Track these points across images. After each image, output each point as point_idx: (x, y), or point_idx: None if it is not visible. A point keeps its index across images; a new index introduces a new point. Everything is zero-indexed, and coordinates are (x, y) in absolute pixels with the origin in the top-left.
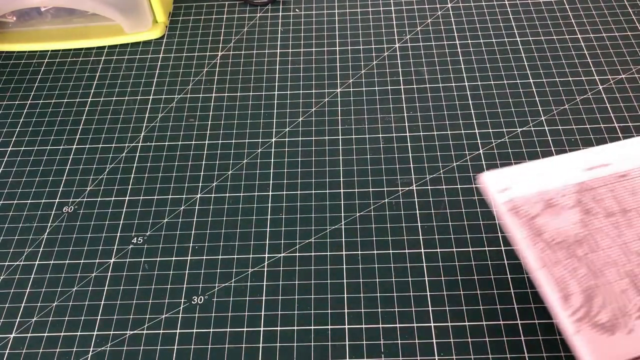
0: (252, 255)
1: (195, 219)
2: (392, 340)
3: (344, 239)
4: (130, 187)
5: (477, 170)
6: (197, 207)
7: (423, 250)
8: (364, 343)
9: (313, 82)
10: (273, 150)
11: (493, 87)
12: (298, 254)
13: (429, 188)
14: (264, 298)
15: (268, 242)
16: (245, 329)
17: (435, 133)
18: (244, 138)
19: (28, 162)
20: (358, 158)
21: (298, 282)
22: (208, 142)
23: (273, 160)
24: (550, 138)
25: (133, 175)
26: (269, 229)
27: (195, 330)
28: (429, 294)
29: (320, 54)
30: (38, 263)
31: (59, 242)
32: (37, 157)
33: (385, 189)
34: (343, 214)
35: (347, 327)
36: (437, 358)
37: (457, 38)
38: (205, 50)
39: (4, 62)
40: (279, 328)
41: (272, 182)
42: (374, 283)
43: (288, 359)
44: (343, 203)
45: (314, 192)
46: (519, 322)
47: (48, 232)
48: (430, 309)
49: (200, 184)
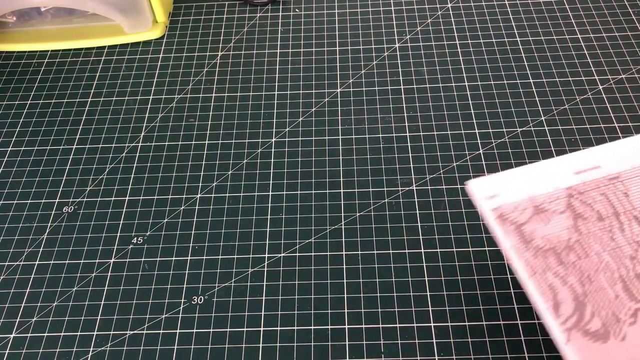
0: (252, 255)
1: (195, 219)
2: (392, 340)
3: (344, 239)
4: (130, 187)
5: (477, 170)
6: (197, 207)
7: (423, 250)
8: (364, 343)
9: (313, 82)
10: (273, 150)
11: (493, 87)
12: (298, 254)
13: (429, 188)
14: (264, 298)
15: (268, 242)
16: (245, 329)
17: (435, 133)
18: (244, 138)
19: (28, 162)
20: (358, 158)
21: (298, 282)
22: (208, 142)
23: (273, 160)
24: (550, 138)
25: (133, 175)
26: (269, 229)
27: (195, 330)
28: (429, 294)
29: (320, 54)
30: (38, 263)
31: (59, 242)
32: (37, 157)
33: (385, 189)
34: (343, 214)
35: (347, 327)
36: (437, 358)
37: (457, 38)
38: (205, 50)
39: (4, 62)
40: (279, 328)
41: (272, 182)
42: (374, 283)
43: (288, 359)
44: (343, 203)
45: (314, 192)
46: (519, 322)
47: (48, 232)
48: (430, 309)
49: (200, 184)
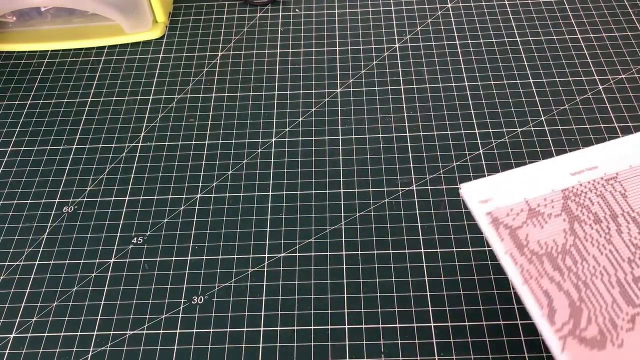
0: (252, 255)
1: (195, 219)
2: (392, 340)
3: (344, 239)
4: (130, 187)
5: (477, 170)
6: (197, 207)
7: (423, 250)
8: (364, 343)
9: (313, 82)
10: (273, 150)
11: (493, 87)
12: (298, 254)
13: (429, 188)
14: (264, 298)
15: (268, 242)
16: (245, 329)
17: (435, 133)
18: (244, 138)
19: (28, 162)
20: (358, 158)
21: (298, 282)
22: (208, 142)
23: (273, 160)
24: (550, 138)
25: (133, 175)
26: (269, 229)
27: (195, 330)
28: (429, 294)
29: (320, 54)
30: (38, 263)
31: (59, 242)
32: (37, 157)
33: (385, 189)
34: (343, 214)
35: (347, 327)
36: (437, 358)
37: (457, 38)
38: (205, 50)
39: (4, 62)
40: (279, 328)
41: (272, 182)
42: (374, 283)
43: (288, 359)
44: (343, 203)
45: (314, 192)
46: (519, 322)
47: (48, 232)
48: (430, 309)
49: (200, 184)
